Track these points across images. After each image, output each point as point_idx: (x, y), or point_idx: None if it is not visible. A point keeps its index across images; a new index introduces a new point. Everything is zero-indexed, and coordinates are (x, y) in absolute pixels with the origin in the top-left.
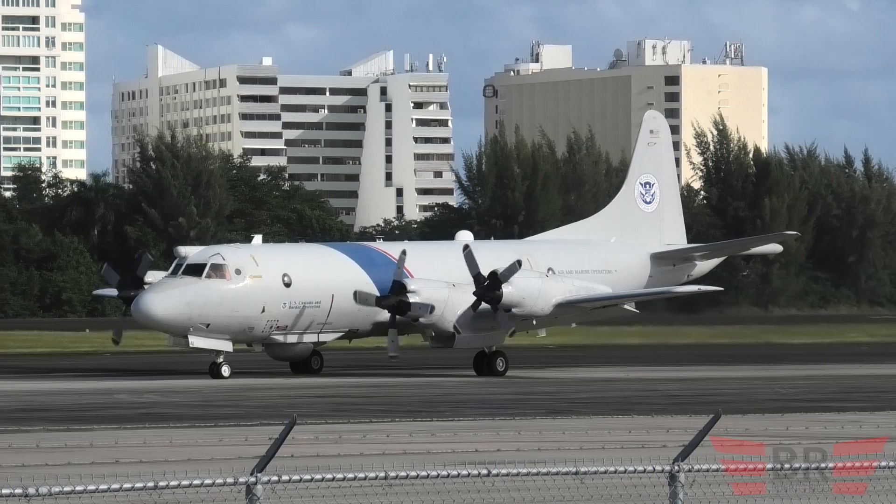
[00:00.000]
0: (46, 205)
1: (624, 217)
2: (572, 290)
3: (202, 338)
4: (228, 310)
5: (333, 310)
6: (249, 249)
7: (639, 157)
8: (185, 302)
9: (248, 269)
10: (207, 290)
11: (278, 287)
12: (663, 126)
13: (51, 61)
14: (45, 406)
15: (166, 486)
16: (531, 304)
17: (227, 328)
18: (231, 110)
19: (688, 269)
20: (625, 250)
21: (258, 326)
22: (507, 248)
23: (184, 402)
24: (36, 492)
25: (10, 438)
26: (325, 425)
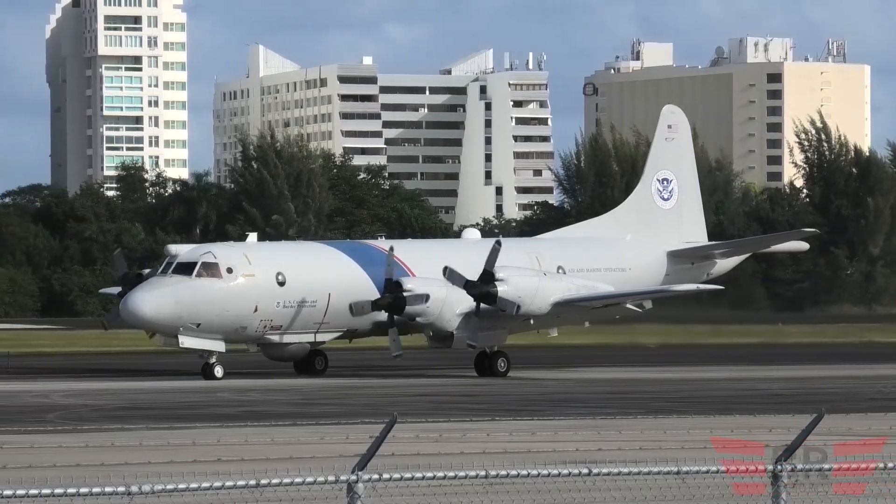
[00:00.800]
0: (149, 204)
1: (640, 214)
2: (571, 288)
3: (192, 338)
4: (219, 309)
5: (330, 309)
6: (242, 248)
7: (656, 152)
8: (175, 301)
9: (240, 267)
10: (198, 289)
11: (272, 286)
12: (682, 121)
13: (153, 61)
14: (147, 404)
15: (268, 485)
16: (528, 302)
17: (219, 328)
18: (331, 109)
19: (707, 268)
20: (639, 248)
21: (251, 326)
22: (515, 246)
23: (285, 400)
24: (139, 490)
25: (113, 437)
26: (425, 424)
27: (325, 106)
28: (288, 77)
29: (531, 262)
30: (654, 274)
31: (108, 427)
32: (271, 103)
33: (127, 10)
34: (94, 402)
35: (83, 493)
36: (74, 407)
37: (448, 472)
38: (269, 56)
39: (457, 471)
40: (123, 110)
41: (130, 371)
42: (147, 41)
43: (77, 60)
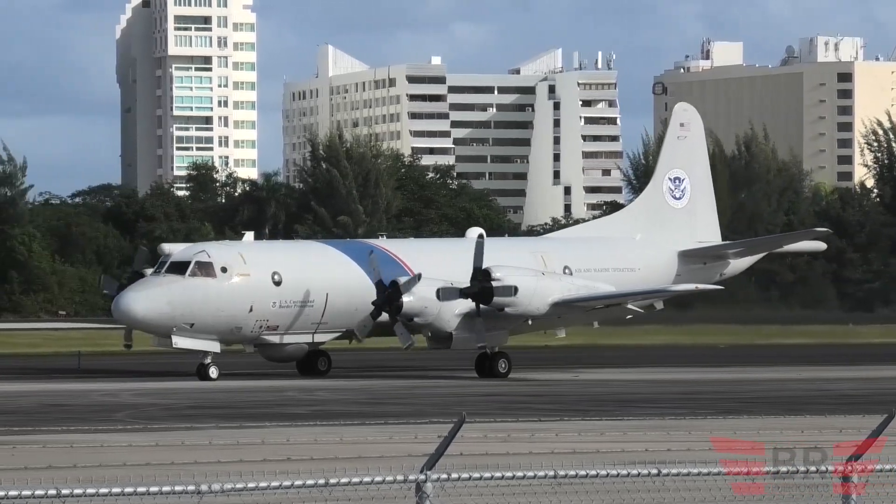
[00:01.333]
0: (219, 204)
1: (651, 213)
2: (571, 288)
3: (186, 338)
4: (214, 309)
5: (328, 309)
6: (238, 247)
7: (667, 150)
8: (167, 301)
9: (234, 266)
10: (191, 289)
11: (267, 286)
12: (695, 119)
13: (223, 61)
14: (217, 403)
15: (337, 484)
16: (525, 303)
17: (213, 328)
18: (400, 109)
19: (720, 268)
20: (649, 248)
21: (246, 326)
22: (521, 245)
23: (354, 399)
24: (209, 489)
25: (183, 436)
26: (493, 424)
27: (394, 106)
28: (357, 77)
29: (537, 261)
30: (664, 274)
31: (177, 426)
32: (340, 103)
33: (197, 10)
34: (164, 402)
35: (153, 492)
36: (144, 406)
37: (516, 472)
38: (338, 56)
39: (525, 471)
40: (193, 110)
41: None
42: (217, 41)
43: (147, 61)
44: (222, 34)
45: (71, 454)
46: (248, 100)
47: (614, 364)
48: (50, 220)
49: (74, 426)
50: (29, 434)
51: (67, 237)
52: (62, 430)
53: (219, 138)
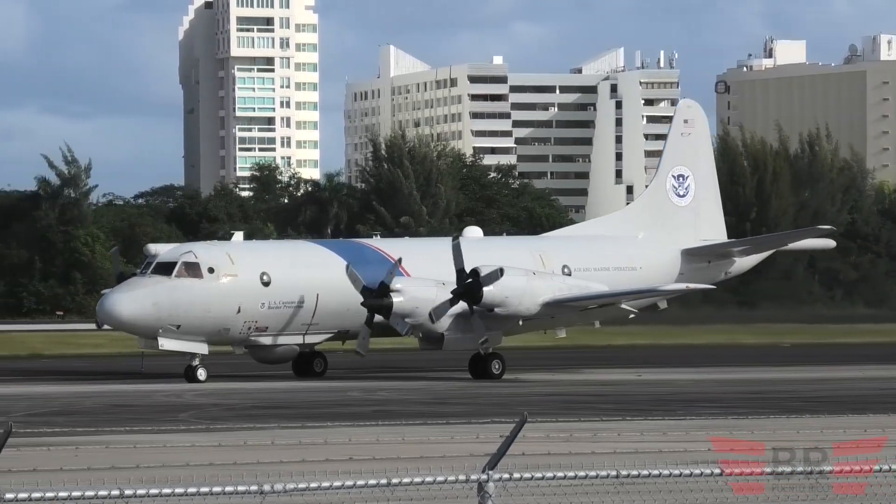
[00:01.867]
0: (281, 204)
1: (654, 211)
2: (563, 288)
3: (173, 340)
4: (200, 310)
5: (319, 310)
6: (225, 247)
7: (671, 148)
8: (153, 302)
9: (222, 267)
10: (177, 290)
11: (256, 286)
12: (699, 116)
13: (285, 62)
14: (280, 403)
15: (399, 483)
16: (515, 303)
17: (200, 329)
18: (461, 109)
19: (725, 266)
20: (651, 246)
21: (235, 328)
22: (519, 245)
23: (416, 399)
24: (271, 489)
25: (245, 436)
26: (555, 423)
27: (455, 106)
28: (418, 77)
29: (535, 261)
30: (667, 273)
31: (240, 426)
32: (402, 103)
33: (259, 11)
34: (227, 402)
35: (216, 492)
36: (207, 406)
37: (578, 472)
38: (399, 56)
39: (587, 471)
40: (256, 111)
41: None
42: (279, 42)
43: (210, 62)
44: (284, 35)
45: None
46: (311, 100)
47: (679, 364)
48: (113, 221)
49: (138, 426)
50: (92, 434)
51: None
52: (125, 430)
53: (281, 139)
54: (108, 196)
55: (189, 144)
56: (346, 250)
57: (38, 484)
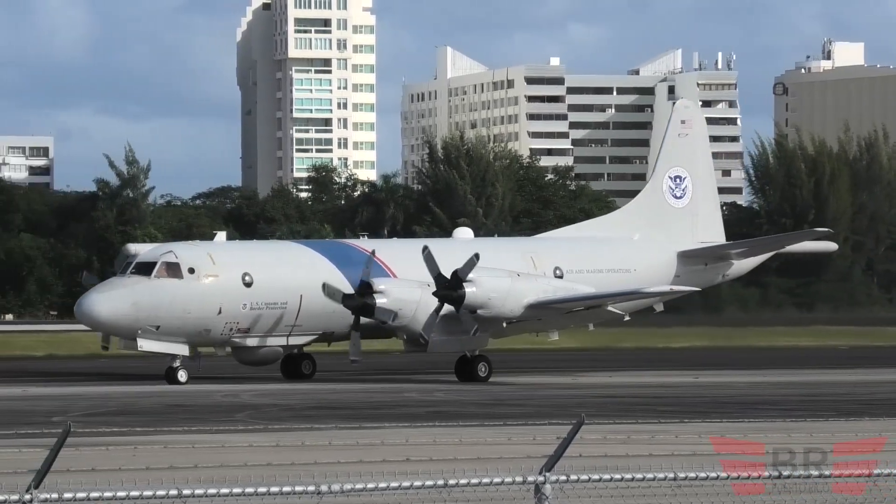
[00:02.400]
0: (338, 205)
1: (650, 213)
2: (548, 290)
3: (152, 341)
4: (180, 311)
5: (303, 311)
6: (207, 247)
7: (668, 149)
8: (132, 302)
9: (203, 267)
10: (156, 290)
11: (237, 287)
12: (697, 116)
13: (342, 63)
14: (337, 404)
15: (456, 485)
16: (499, 304)
17: (181, 330)
18: (518, 111)
19: (723, 269)
20: (646, 248)
21: (216, 329)
22: (510, 246)
23: (472, 400)
24: (328, 489)
25: (303, 436)
26: (613, 425)
27: (512, 107)
28: (475, 78)
29: (526, 263)
30: (662, 275)
31: (297, 426)
32: (458, 105)
33: (317, 12)
34: (284, 402)
35: (273, 492)
36: (264, 406)
37: (636, 474)
38: (456, 57)
39: (644, 473)
40: (313, 112)
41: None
42: (336, 43)
43: (267, 63)
44: (342, 36)
45: (192, 454)
46: (368, 102)
47: (737, 366)
48: (171, 222)
49: (196, 426)
50: (151, 434)
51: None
52: (184, 430)
53: (338, 140)
54: (167, 197)
55: (246, 146)
56: (332, 251)
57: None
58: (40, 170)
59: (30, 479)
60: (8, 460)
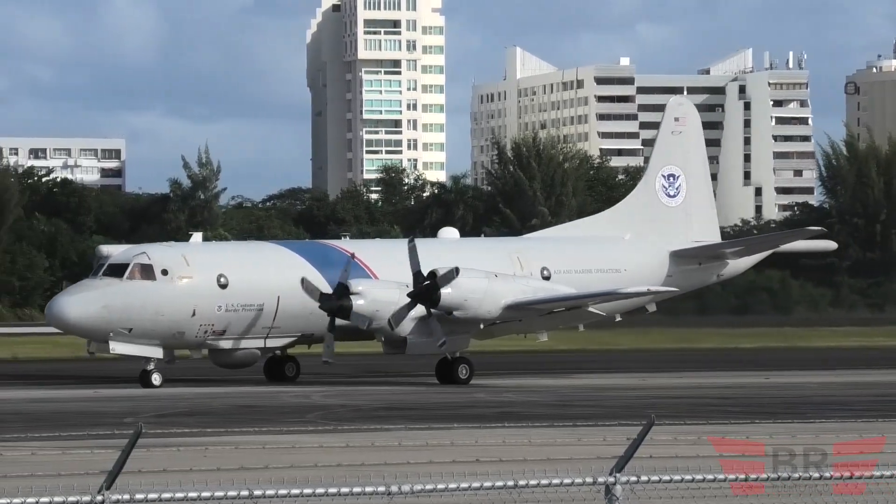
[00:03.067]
0: (408, 206)
1: (641, 212)
2: (527, 290)
3: (124, 343)
4: (153, 313)
5: (280, 313)
6: (181, 248)
7: (661, 146)
8: (103, 305)
9: (176, 269)
10: (128, 293)
11: (212, 288)
12: (691, 113)
13: (412, 65)
14: (406, 405)
15: (525, 486)
16: (475, 306)
17: (154, 333)
18: (588, 111)
19: (717, 269)
20: (637, 248)
21: (190, 331)
22: (495, 246)
23: (542, 401)
24: (398, 490)
25: (373, 437)
26: (683, 426)
27: (582, 107)
28: (545, 79)
29: (512, 263)
30: (654, 275)
31: (367, 427)
32: (528, 105)
33: (386, 13)
34: (354, 403)
35: (343, 492)
36: (334, 407)
37: (706, 475)
38: (525, 58)
39: (715, 473)
40: (383, 114)
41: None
42: (406, 45)
43: (337, 64)
44: (411, 37)
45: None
46: (437, 103)
47: (808, 367)
48: (242, 223)
49: (266, 427)
50: (222, 435)
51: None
52: (254, 431)
53: (407, 141)
54: (237, 199)
55: (316, 147)
56: (311, 252)
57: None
58: (112, 172)
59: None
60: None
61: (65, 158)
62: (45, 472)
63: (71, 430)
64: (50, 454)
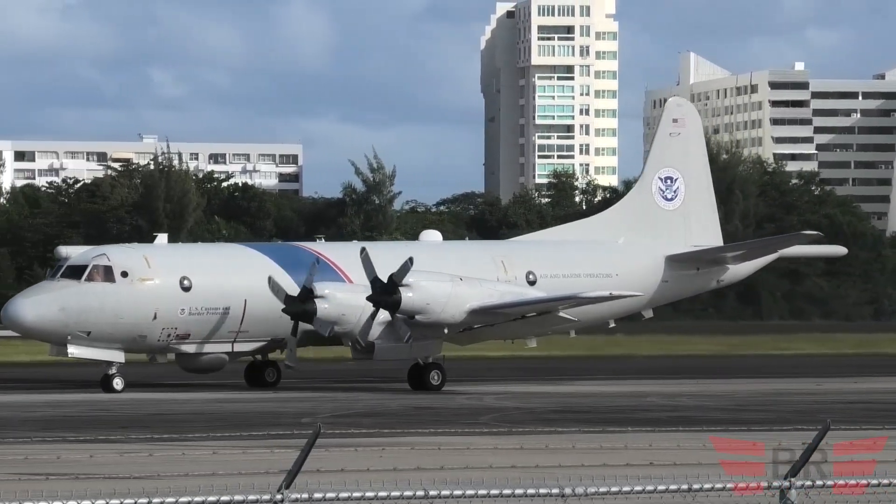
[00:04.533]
0: (578, 210)
1: (637, 215)
2: (493, 294)
3: (83, 347)
4: (112, 316)
5: (248, 316)
6: (143, 250)
7: (658, 148)
8: (60, 307)
9: (136, 271)
10: (86, 295)
11: (174, 291)
12: (691, 114)
13: (584, 70)
14: (579, 408)
15: (700, 489)
16: (438, 310)
17: (113, 336)
18: (762, 116)
19: (716, 274)
20: (630, 252)
21: (151, 335)
22: (479, 249)
23: (716, 405)
24: (572, 492)
25: (547, 439)
26: (859, 431)
27: (756, 112)
28: (718, 84)
29: (496, 267)
30: (647, 280)
31: (541, 430)
32: (701, 110)
33: (560, 20)
34: (527, 405)
35: (518, 494)
36: (508, 409)
37: (882, 480)
38: (699, 63)
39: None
40: (555, 119)
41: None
42: (579, 50)
43: (510, 70)
44: (584, 43)
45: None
46: (609, 108)
47: None
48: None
49: (442, 429)
50: (398, 436)
51: None
52: (430, 432)
53: (580, 146)
54: (411, 203)
55: (489, 152)
56: (279, 254)
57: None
58: (289, 177)
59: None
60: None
61: (243, 163)
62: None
63: (252, 430)
64: (231, 454)
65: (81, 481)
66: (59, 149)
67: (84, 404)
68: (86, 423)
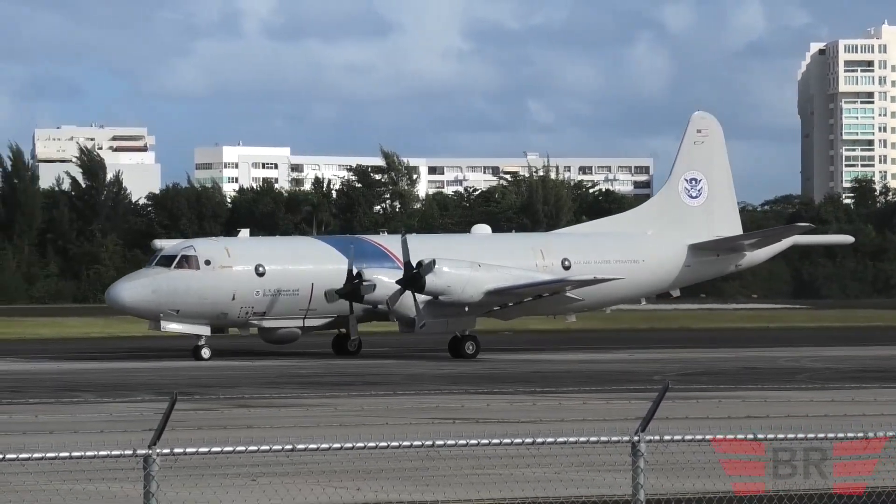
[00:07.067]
0: (878, 209)
1: (664, 211)
2: (508, 278)
3: (175, 323)
4: (196, 297)
5: (315, 297)
6: (225, 242)
7: (683, 155)
8: (152, 290)
9: (218, 259)
10: (174, 279)
11: (250, 276)
12: (713, 126)
13: (882, 95)
14: (877, 368)
15: None
16: (459, 291)
17: (199, 314)
18: None
19: (735, 259)
20: (657, 241)
21: (231, 312)
22: (520, 240)
23: None
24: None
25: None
26: None
27: None
28: None
29: (535, 255)
30: (672, 265)
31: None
32: None
33: (863, 55)
34: (838, 366)
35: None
36: (821, 370)
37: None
38: None
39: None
40: (859, 135)
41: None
42: (878, 79)
43: (822, 96)
44: (882, 74)
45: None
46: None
47: None
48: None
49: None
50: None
51: None
52: (758, 388)
53: (879, 157)
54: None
55: (805, 162)
56: (344, 244)
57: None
58: (642, 184)
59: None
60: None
61: (606, 174)
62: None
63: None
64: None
65: (480, 424)
66: (462, 164)
67: (475, 364)
68: (482, 380)
